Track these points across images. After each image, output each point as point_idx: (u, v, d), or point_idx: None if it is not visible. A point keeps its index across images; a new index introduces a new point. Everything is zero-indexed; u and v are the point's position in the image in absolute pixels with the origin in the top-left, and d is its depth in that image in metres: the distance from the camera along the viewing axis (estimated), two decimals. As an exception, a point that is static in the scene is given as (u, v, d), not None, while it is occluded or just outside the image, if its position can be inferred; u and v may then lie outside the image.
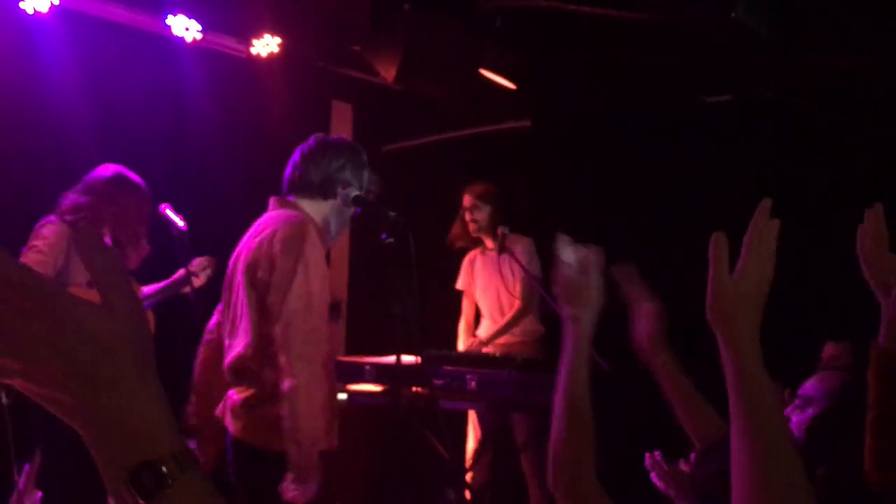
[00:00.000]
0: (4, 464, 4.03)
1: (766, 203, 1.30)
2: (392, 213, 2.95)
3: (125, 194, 3.81)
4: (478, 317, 5.14)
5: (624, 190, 5.91)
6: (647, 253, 5.78)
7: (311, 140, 3.09)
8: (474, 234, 4.98)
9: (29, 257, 3.56)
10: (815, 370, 2.76)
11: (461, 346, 5.07)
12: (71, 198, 3.79)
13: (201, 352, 3.15)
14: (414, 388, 3.89)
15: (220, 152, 5.71)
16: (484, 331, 5.03)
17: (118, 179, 3.85)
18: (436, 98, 6.07)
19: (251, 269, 2.81)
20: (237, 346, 2.81)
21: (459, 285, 5.13)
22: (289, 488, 2.64)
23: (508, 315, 4.89)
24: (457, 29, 5.14)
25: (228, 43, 5.67)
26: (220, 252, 4.37)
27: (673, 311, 2.19)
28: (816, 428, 2.14)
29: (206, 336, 3.16)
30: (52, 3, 4.63)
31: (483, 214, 4.92)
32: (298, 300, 2.67)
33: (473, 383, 4.16)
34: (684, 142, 5.70)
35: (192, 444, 4.35)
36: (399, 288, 2.86)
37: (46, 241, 3.60)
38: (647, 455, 2.10)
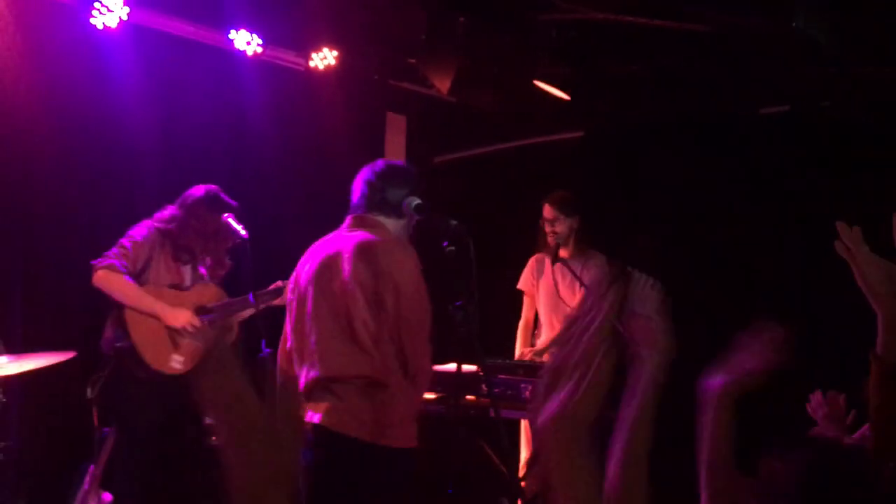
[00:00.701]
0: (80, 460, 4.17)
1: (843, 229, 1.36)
2: (453, 222, 3.00)
3: (212, 213, 4.06)
4: (536, 318, 5.12)
5: (677, 202, 5.89)
6: (702, 264, 5.77)
7: (382, 163, 3.19)
8: (553, 244, 4.94)
9: (112, 250, 3.91)
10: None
11: (519, 345, 5.05)
12: (169, 209, 4.12)
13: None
14: (470, 397, 3.93)
15: (278, 162, 5.84)
16: (543, 340, 5.02)
17: (209, 199, 4.11)
18: (488, 110, 6.14)
19: (363, 284, 2.92)
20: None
21: (521, 285, 5.11)
22: None
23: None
24: (511, 41, 5.20)
25: (288, 56, 5.80)
26: (277, 258, 4.48)
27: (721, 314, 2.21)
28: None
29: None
30: (120, 19, 4.80)
31: (563, 227, 4.88)
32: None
33: (528, 392, 4.19)
34: (739, 153, 5.66)
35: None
36: (460, 296, 2.91)
37: (133, 240, 3.96)
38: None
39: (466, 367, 3.57)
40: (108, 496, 4.15)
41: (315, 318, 3.02)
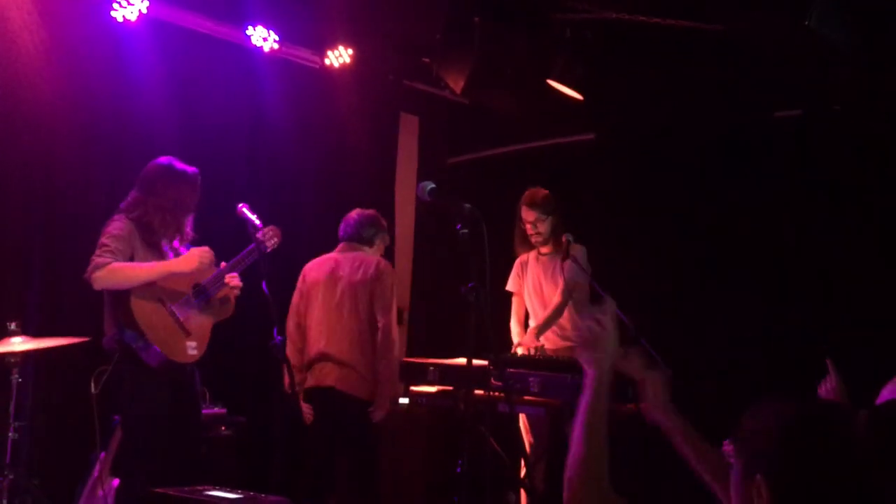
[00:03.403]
0: (89, 449, 4.21)
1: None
2: (467, 205, 3.04)
3: (167, 186, 3.98)
4: (527, 317, 5.19)
5: (689, 204, 5.90)
6: (711, 267, 5.78)
7: (356, 215, 4.66)
8: (536, 244, 5.01)
9: (96, 253, 3.79)
10: None
11: (514, 337, 5.10)
12: (131, 193, 4.04)
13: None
14: (479, 391, 3.94)
15: (292, 156, 5.89)
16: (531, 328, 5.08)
17: (162, 171, 4.03)
18: (501, 111, 6.17)
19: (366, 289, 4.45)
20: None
21: (510, 287, 5.18)
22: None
23: (545, 312, 4.92)
24: (526, 42, 5.23)
25: (304, 54, 5.87)
26: (292, 245, 4.52)
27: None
28: None
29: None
30: (140, 13, 4.87)
31: (546, 226, 4.96)
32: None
33: (536, 386, 4.20)
34: (752, 156, 5.67)
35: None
36: (472, 278, 2.94)
37: (111, 236, 3.83)
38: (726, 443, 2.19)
39: (477, 362, 3.57)
40: (116, 482, 4.19)
41: (322, 308, 4.44)
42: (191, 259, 3.91)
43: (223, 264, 4.06)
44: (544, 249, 5.07)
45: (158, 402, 3.87)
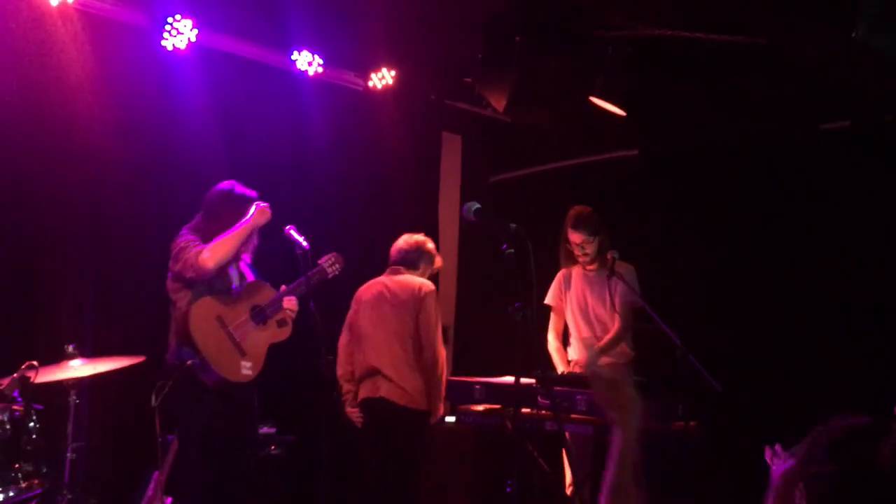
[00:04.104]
0: (144, 467, 4.28)
1: None
2: (512, 225, 3.05)
3: (228, 211, 4.11)
4: (565, 332, 5.16)
5: (734, 219, 5.84)
6: (759, 282, 5.70)
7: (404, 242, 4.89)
8: (583, 263, 4.98)
9: (194, 248, 3.95)
10: None
11: (557, 357, 5.07)
12: (195, 217, 4.19)
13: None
14: (526, 410, 3.93)
15: (337, 178, 5.98)
16: (574, 350, 5.04)
17: (223, 196, 4.16)
18: (543, 128, 6.19)
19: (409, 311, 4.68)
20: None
21: (549, 301, 5.15)
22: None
23: (608, 336, 4.89)
24: (568, 59, 5.24)
25: (347, 76, 5.96)
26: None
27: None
28: None
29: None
30: (189, 41, 5.00)
31: (593, 247, 4.92)
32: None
33: (583, 404, 4.18)
34: (799, 170, 5.60)
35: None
36: (519, 298, 2.95)
37: (189, 238, 4.02)
38: (767, 449, 2.16)
39: (524, 380, 3.57)
40: (170, 501, 4.26)
41: (370, 327, 4.71)
42: (263, 213, 4.05)
43: (283, 287, 4.14)
44: (591, 266, 5.04)
45: (214, 420, 3.94)
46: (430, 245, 4.90)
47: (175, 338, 3.98)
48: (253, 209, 4.07)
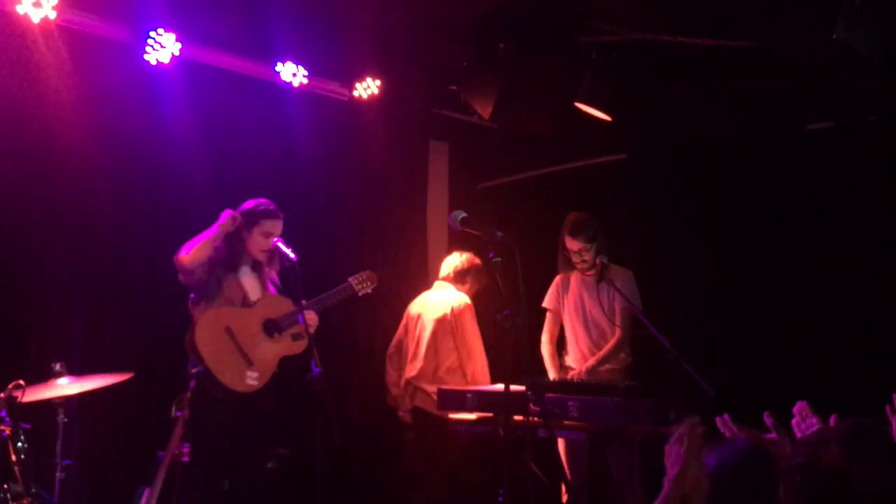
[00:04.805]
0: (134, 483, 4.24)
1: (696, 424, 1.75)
2: (499, 233, 3.05)
3: (250, 226, 4.25)
4: (560, 334, 5.16)
5: (724, 220, 5.85)
6: (747, 283, 5.71)
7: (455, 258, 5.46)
8: (582, 271, 4.96)
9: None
10: None
11: (549, 361, 5.06)
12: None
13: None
14: (518, 417, 3.92)
15: (325, 188, 5.96)
16: (572, 356, 5.02)
17: (245, 215, 4.29)
18: (530, 134, 6.18)
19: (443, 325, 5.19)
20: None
21: (546, 304, 5.14)
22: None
23: (608, 345, 4.88)
24: (553, 65, 5.25)
25: (332, 87, 5.94)
26: (326, 279, 4.56)
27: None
28: None
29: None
30: (172, 55, 4.97)
31: (591, 255, 4.89)
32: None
33: (575, 410, 4.17)
34: (785, 170, 5.62)
35: None
36: (507, 306, 2.94)
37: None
38: (718, 419, 2.19)
39: (515, 388, 3.55)
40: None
41: (411, 339, 5.29)
42: (234, 219, 4.19)
43: (303, 302, 4.15)
44: (589, 272, 5.01)
45: (220, 430, 3.97)
46: (478, 261, 5.32)
47: (187, 347, 4.04)
48: (222, 216, 4.19)
